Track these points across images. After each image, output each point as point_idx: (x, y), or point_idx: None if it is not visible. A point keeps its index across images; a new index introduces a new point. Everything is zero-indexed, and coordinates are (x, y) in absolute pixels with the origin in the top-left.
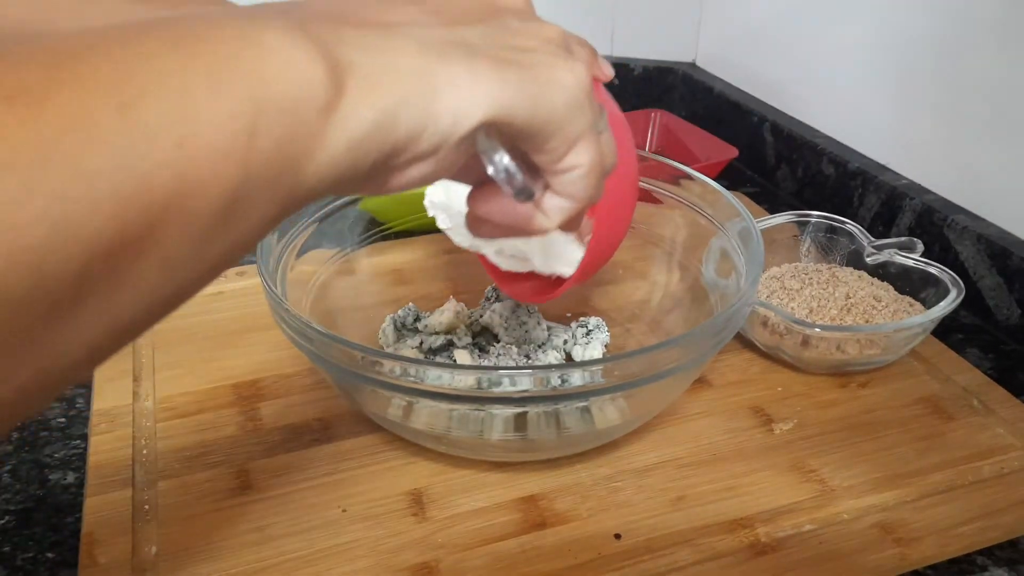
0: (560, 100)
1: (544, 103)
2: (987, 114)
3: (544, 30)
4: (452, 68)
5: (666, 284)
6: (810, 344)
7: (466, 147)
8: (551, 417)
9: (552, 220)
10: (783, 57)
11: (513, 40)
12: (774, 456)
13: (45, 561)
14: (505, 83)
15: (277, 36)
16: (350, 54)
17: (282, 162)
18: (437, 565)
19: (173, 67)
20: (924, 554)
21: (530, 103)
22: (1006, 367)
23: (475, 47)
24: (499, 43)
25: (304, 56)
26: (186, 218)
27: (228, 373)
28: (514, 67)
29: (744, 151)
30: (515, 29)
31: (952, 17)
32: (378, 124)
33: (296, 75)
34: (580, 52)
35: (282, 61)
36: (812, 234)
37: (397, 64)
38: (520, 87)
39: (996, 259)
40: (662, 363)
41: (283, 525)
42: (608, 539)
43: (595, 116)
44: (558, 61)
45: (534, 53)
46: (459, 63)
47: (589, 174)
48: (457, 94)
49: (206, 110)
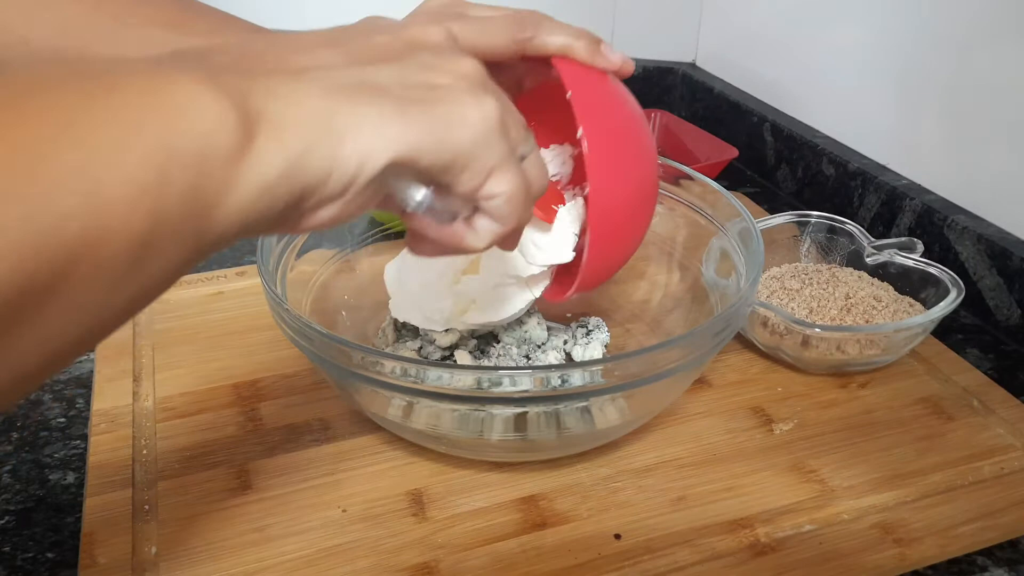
0: (466, 136)
1: (449, 140)
2: (987, 114)
3: (458, 65)
4: (357, 112)
5: (666, 284)
6: (810, 344)
7: (376, 187)
8: (551, 417)
9: (482, 240)
10: (783, 57)
11: (424, 77)
12: (774, 456)
13: (45, 561)
14: (409, 124)
15: (188, 87)
16: (260, 102)
17: (191, 210)
18: (437, 565)
19: (83, 119)
20: (924, 554)
21: (435, 141)
22: (1006, 367)
23: (383, 88)
24: (409, 81)
25: (214, 106)
26: (94, 266)
27: (228, 373)
28: (419, 106)
29: (744, 151)
30: (428, 65)
31: (952, 17)
32: (287, 170)
33: (206, 125)
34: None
35: (192, 112)
36: (812, 234)
37: (304, 110)
38: (424, 127)
39: (996, 259)
40: (662, 363)
41: (283, 525)
42: (608, 539)
43: (510, 147)
44: (465, 97)
45: (443, 89)
46: (364, 106)
47: (510, 201)
48: (362, 138)
49: (115, 161)
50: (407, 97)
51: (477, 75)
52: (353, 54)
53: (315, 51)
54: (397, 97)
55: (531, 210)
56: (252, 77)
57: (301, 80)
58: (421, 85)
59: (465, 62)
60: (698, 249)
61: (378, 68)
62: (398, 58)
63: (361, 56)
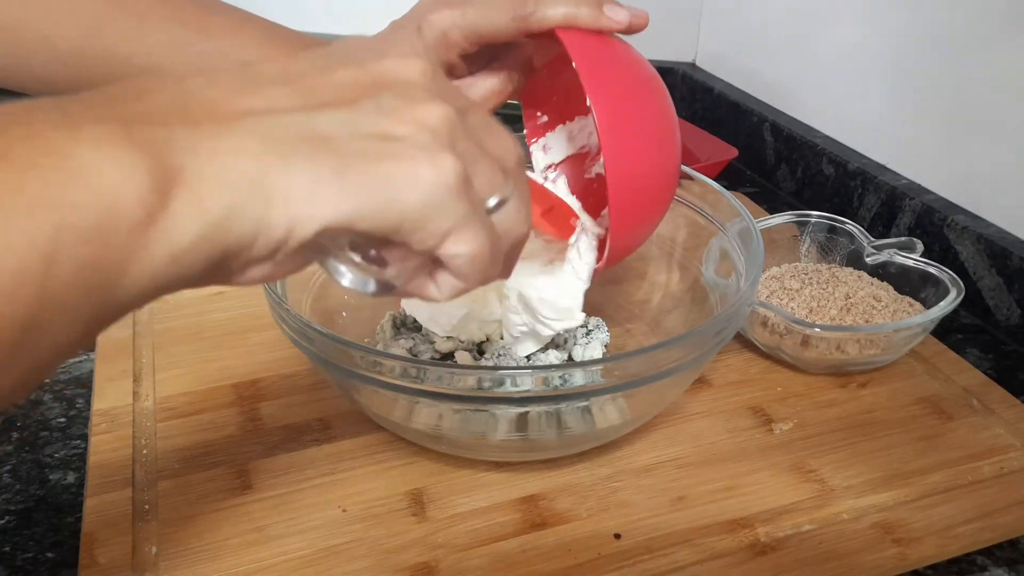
0: (414, 199)
1: (393, 206)
2: (987, 114)
3: (424, 112)
4: (288, 172)
5: (666, 284)
6: (810, 344)
7: (310, 249)
8: (552, 417)
9: (445, 294)
10: (783, 57)
11: (379, 126)
12: (774, 456)
13: (45, 561)
14: (346, 188)
15: (93, 148)
16: (179, 158)
17: (88, 285)
18: (437, 565)
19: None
20: (924, 554)
21: (375, 206)
22: (1006, 367)
23: (327, 139)
24: (360, 131)
25: (123, 167)
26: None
27: (228, 373)
28: (362, 164)
29: (744, 151)
30: (388, 110)
31: (951, 17)
32: (204, 235)
33: (110, 191)
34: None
35: (94, 176)
36: (812, 234)
37: (230, 169)
38: (364, 191)
39: (996, 259)
40: (662, 363)
41: (283, 525)
42: (608, 539)
43: (471, 205)
44: (419, 154)
45: (397, 143)
46: (297, 166)
47: (472, 261)
48: (292, 204)
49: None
50: (352, 151)
51: (443, 123)
52: (307, 94)
53: (265, 89)
54: (340, 153)
55: (500, 266)
56: (176, 128)
57: (234, 130)
58: (373, 136)
59: (433, 108)
60: (698, 249)
61: (329, 114)
62: (356, 101)
63: (315, 97)
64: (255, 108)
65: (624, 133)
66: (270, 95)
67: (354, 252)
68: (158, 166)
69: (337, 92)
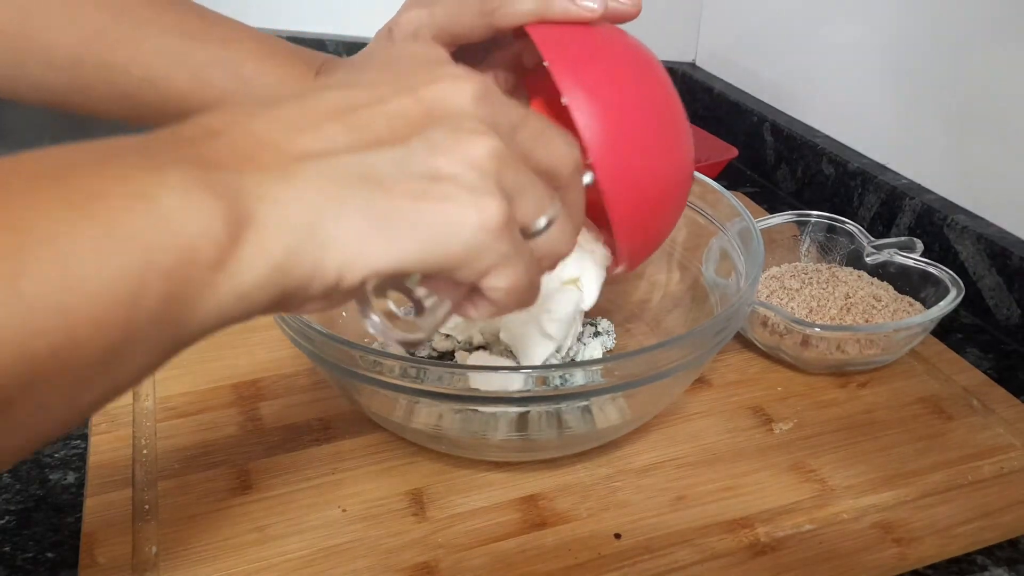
0: (459, 243)
1: (438, 249)
2: (987, 114)
3: (473, 148)
4: (342, 223)
5: (666, 284)
6: (810, 344)
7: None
8: (552, 417)
9: (483, 315)
10: (783, 57)
11: (429, 164)
12: (774, 456)
13: (45, 561)
14: (394, 238)
15: (179, 191)
16: (250, 204)
17: (166, 317)
18: (437, 565)
19: (62, 230)
20: (924, 554)
21: (420, 253)
22: (1006, 367)
23: (380, 183)
24: (411, 170)
25: (204, 212)
26: (62, 375)
27: (228, 373)
28: (410, 211)
29: (744, 151)
30: (438, 146)
31: (952, 17)
32: (268, 277)
33: (192, 234)
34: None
35: (179, 221)
36: (812, 234)
37: (291, 216)
38: (411, 239)
39: (996, 259)
40: (662, 363)
41: (283, 525)
42: (608, 539)
43: (513, 245)
44: (466, 196)
45: (446, 183)
46: (351, 216)
47: (510, 293)
48: (344, 250)
49: (92, 276)
50: (402, 194)
51: (490, 159)
52: (362, 130)
53: (323, 127)
54: (390, 195)
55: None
56: (247, 171)
57: (296, 176)
58: (422, 176)
59: (482, 143)
60: (698, 249)
61: (382, 153)
62: (407, 137)
63: (369, 133)
64: (314, 150)
65: (616, 134)
66: (327, 134)
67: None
68: (231, 212)
69: (390, 127)
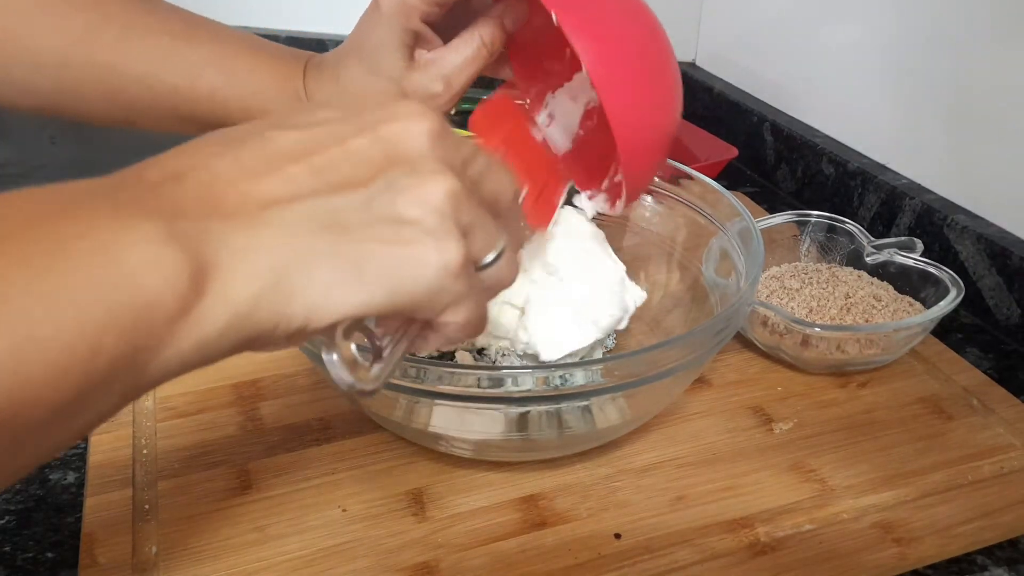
0: (422, 285)
1: (403, 292)
2: (987, 114)
3: (432, 190)
4: (309, 272)
5: (666, 284)
6: (810, 344)
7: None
8: (552, 417)
9: (431, 348)
10: (783, 57)
11: (392, 208)
12: (774, 456)
13: (45, 561)
14: (359, 283)
15: (140, 248)
16: (214, 253)
17: (125, 368)
18: (437, 565)
19: (18, 289)
20: (924, 554)
21: (386, 296)
22: (1006, 367)
23: (345, 230)
24: (374, 213)
25: (167, 266)
26: (14, 428)
27: (228, 373)
28: (375, 257)
29: (744, 151)
30: (400, 191)
31: (952, 17)
32: (230, 324)
33: (154, 291)
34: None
35: (141, 277)
36: (812, 234)
37: (256, 265)
38: (376, 284)
39: (996, 259)
40: (662, 363)
41: (283, 525)
42: (608, 539)
43: (468, 284)
44: (428, 240)
45: (406, 227)
46: (317, 265)
47: (463, 328)
48: (309, 299)
49: (50, 333)
50: (366, 239)
51: (449, 201)
52: (325, 171)
53: (286, 168)
54: (355, 240)
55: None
56: (213, 220)
57: (261, 224)
58: (387, 220)
59: (440, 184)
60: (698, 249)
61: (346, 197)
62: (370, 180)
63: (332, 175)
64: (279, 195)
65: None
66: (291, 176)
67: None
68: (195, 263)
69: (352, 169)
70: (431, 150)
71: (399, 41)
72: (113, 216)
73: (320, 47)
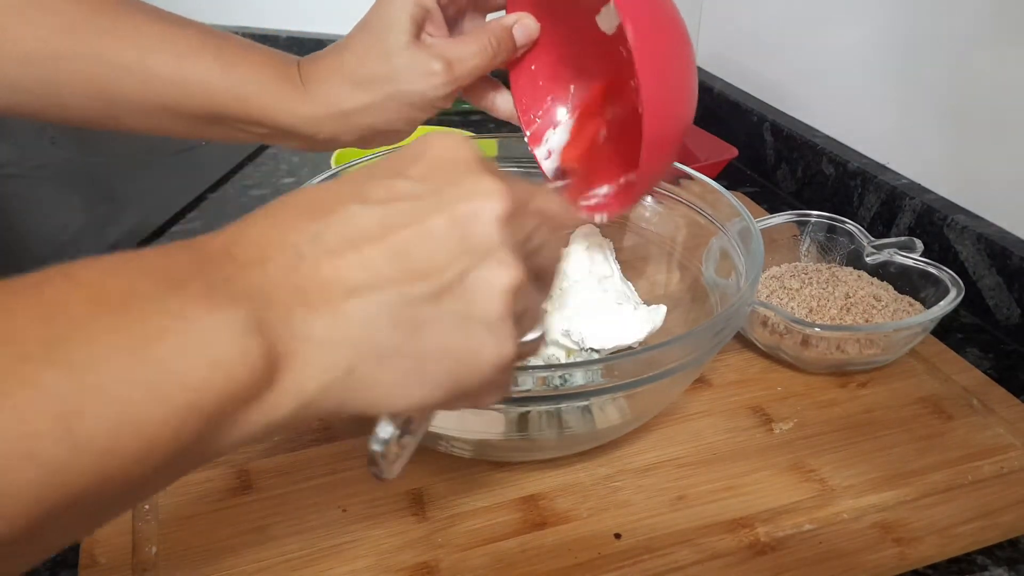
0: (476, 380)
1: (459, 388)
2: (987, 114)
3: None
4: (377, 371)
5: (666, 284)
6: (810, 344)
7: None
8: (552, 417)
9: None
10: (783, 57)
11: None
12: (774, 456)
13: (45, 561)
14: (424, 385)
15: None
16: (294, 344)
17: (197, 448)
18: (437, 565)
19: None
20: (924, 554)
21: (445, 393)
22: (1006, 367)
23: (418, 325)
24: (445, 310)
25: (251, 359)
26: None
27: None
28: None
29: (744, 151)
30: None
31: (952, 17)
32: (297, 411)
33: (238, 381)
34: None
35: (229, 367)
36: (812, 234)
37: (332, 357)
38: (438, 382)
39: (996, 259)
40: (662, 363)
41: (283, 525)
42: (608, 539)
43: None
44: (489, 339)
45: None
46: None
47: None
48: (373, 393)
49: (144, 420)
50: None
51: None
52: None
53: (363, 251)
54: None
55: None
56: (295, 308)
57: (340, 316)
58: (454, 316)
59: (504, 277)
60: (698, 249)
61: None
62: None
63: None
64: (358, 283)
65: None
66: (371, 260)
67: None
68: (274, 353)
69: (428, 254)
70: (501, 238)
71: (408, 14)
72: (206, 302)
73: (320, 47)
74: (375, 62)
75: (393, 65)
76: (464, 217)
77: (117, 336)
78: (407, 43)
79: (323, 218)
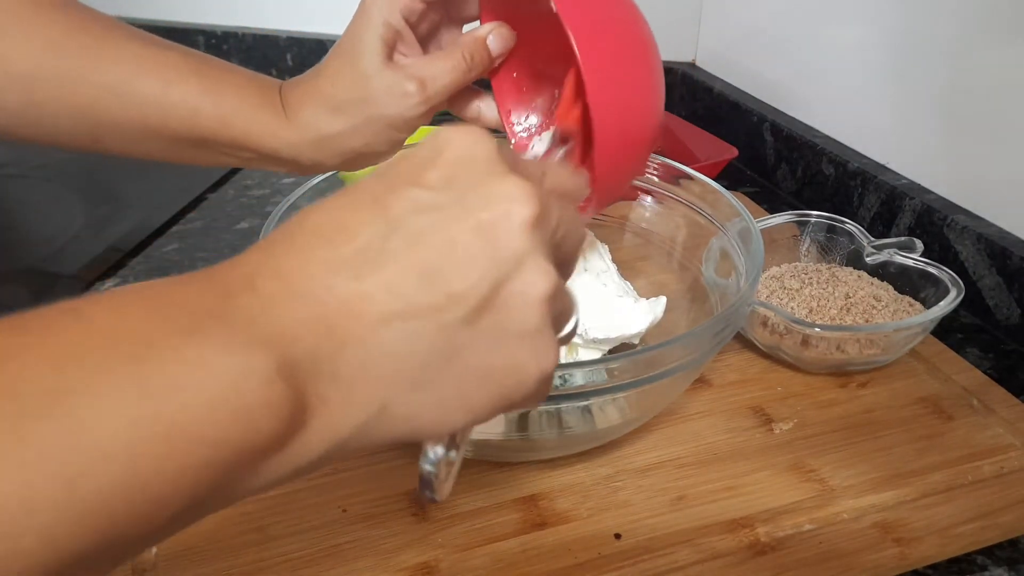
0: (520, 394)
1: (503, 405)
2: (987, 114)
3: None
4: (415, 403)
5: (666, 284)
6: (810, 344)
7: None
8: (552, 417)
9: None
10: (783, 57)
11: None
12: (774, 456)
13: None
14: (466, 408)
15: (255, 387)
16: (322, 386)
17: (218, 492)
18: (437, 565)
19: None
20: (924, 554)
21: (489, 412)
22: (1006, 367)
23: (454, 352)
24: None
25: (276, 407)
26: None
27: None
28: (484, 381)
29: (744, 151)
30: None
31: (952, 17)
32: (329, 452)
33: (259, 431)
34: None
35: (250, 420)
36: (812, 234)
37: (367, 395)
38: (482, 403)
39: (996, 259)
40: (662, 363)
41: (283, 525)
42: (608, 539)
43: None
44: (529, 353)
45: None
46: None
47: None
48: (414, 424)
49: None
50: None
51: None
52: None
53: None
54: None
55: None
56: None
57: (371, 349)
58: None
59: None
60: (698, 249)
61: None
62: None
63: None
64: (389, 313)
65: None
66: (399, 283)
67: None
68: (302, 398)
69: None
70: (532, 244)
71: (378, 36)
72: (227, 348)
73: (320, 47)
74: (350, 87)
75: (367, 89)
76: (491, 225)
77: (129, 390)
78: (380, 65)
79: (345, 243)
